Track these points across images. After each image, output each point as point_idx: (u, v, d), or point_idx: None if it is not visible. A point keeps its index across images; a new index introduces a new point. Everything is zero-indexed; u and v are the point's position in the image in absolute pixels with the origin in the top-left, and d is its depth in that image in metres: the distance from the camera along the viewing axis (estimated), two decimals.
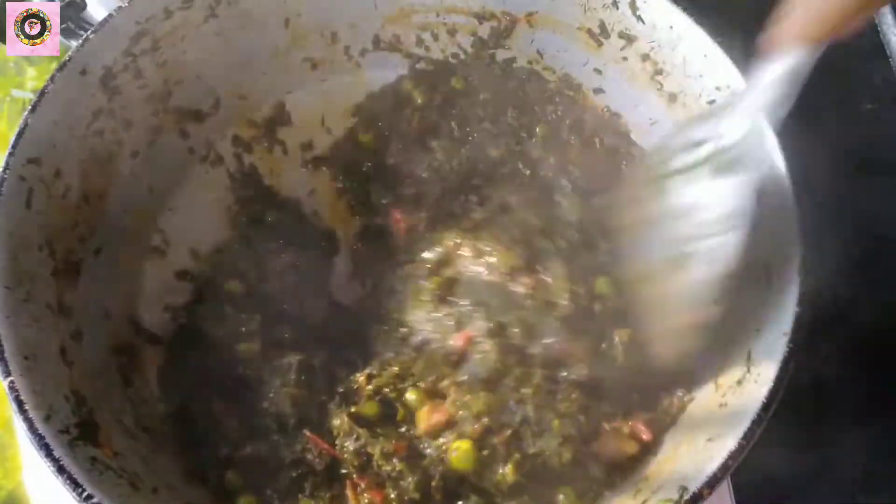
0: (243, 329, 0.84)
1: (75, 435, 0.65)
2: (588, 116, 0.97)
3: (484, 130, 0.96)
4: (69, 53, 0.78)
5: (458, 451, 0.73)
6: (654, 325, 0.76)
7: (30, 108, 0.75)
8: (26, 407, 0.63)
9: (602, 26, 0.89)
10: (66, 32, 0.87)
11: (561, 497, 0.73)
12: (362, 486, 0.75)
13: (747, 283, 0.75)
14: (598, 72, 0.94)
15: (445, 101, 0.98)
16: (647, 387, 0.78)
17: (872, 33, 0.81)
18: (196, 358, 0.84)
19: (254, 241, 0.92)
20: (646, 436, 0.75)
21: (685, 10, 0.80)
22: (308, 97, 1.00)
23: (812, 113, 1.08)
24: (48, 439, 0.62)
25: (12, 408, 0.63)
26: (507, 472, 0.72)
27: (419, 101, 0.99)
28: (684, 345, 0.73)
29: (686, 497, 0.61)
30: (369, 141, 0.98)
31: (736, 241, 0.66)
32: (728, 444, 0.62)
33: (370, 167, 0.97)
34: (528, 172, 0.94)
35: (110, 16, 0.81)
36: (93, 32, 0.79)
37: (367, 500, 0.74)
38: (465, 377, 0.78)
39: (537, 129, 0.96)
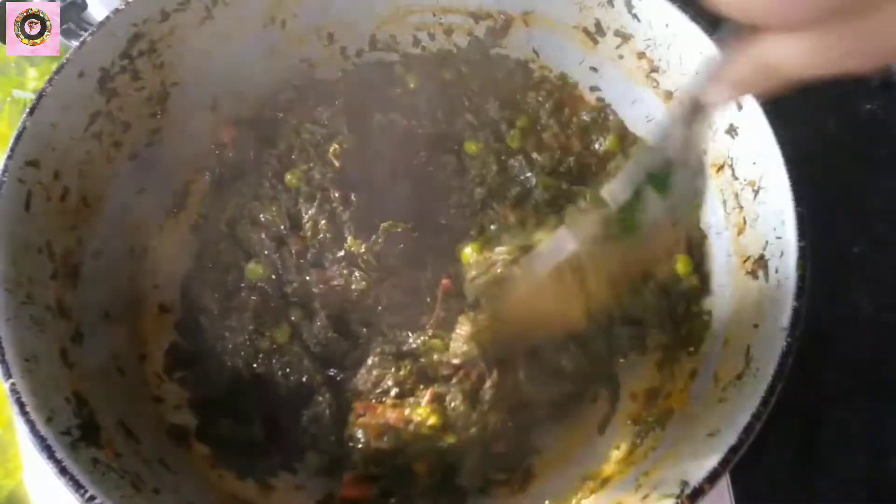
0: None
1: (77, 436, 0.65)
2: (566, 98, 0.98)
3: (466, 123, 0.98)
4: (67, 56, 0.78)
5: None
6: None
7: (28, 110, 0.75)
8: (28, 409, 0.63)
9: (598, 25, 0.89)
10: (67, 33, 0.87)
11: None
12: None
13: (746, 278, 0.75)
14: (594, 70, 0.94)
15: (437, 90, 0.99)
16: None
17: None
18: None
19: None
20: None
21: (680, 7, 0.81)
22: None
23: (812, 112, 1.09)
24: (50, 441, 0.62)
25: (14, 410, 0.63)
26: None
27: (411, 85, 0.99)
28: None
29: (687, 491, 0.61)
30: None
31: None
32: (728, 438, 0.62)
33: None
34: (494, 168, 0.95)
35: (107, 18, 0.81)
36: (90, 35, 0.80)
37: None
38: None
39: (517, 122, 0.97)
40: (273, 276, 0.87)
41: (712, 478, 0.61)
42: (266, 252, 0.88)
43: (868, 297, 1.02)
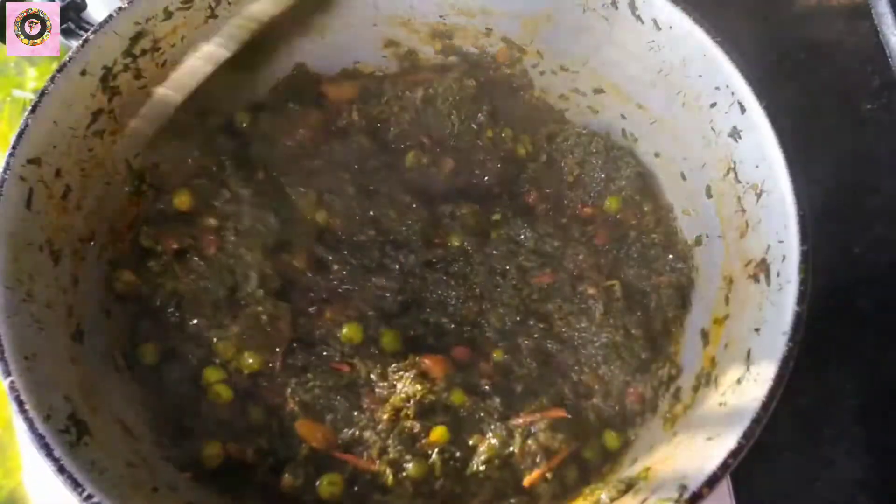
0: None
1: (75, 434, 0.65)
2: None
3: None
4: (69, 54, 0.78)
5: None
6: None
7: (30, 108, 0.75)
8: (27, 407, 0.63)
9: None
10: (67, 33, 0.87)
11: None
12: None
13: (747, 282, 0.75)
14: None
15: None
16: None
17: (872, 34, 0.82)
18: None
19: None
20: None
21: (684, 10, 0.80)
22: None
23: (812, 113, 1.09)
24: (48, 439, 0.62)
25: (13, 408, 0.63)
26: None
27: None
28: None
29: (686, 496, 0.61)
30: None
31: None
32: (728, 443, 0.62)
33: None
34: None
35: (110, 16, 0.81)
36: (93, 33, 0.80)
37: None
38: None
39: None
40: None
41: (711, 482, 0.61)
42: None
43: (868, 297, 1.02)
